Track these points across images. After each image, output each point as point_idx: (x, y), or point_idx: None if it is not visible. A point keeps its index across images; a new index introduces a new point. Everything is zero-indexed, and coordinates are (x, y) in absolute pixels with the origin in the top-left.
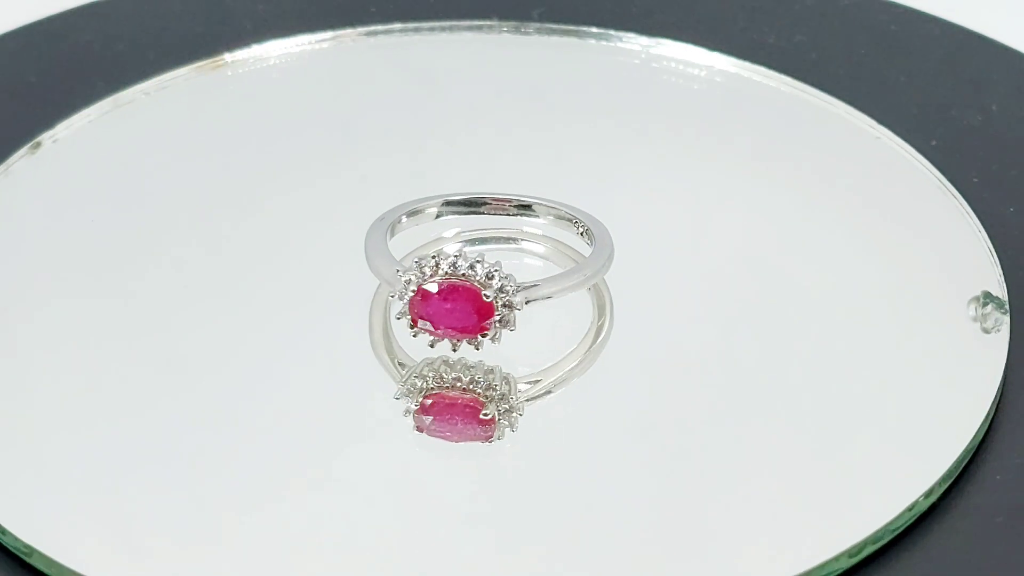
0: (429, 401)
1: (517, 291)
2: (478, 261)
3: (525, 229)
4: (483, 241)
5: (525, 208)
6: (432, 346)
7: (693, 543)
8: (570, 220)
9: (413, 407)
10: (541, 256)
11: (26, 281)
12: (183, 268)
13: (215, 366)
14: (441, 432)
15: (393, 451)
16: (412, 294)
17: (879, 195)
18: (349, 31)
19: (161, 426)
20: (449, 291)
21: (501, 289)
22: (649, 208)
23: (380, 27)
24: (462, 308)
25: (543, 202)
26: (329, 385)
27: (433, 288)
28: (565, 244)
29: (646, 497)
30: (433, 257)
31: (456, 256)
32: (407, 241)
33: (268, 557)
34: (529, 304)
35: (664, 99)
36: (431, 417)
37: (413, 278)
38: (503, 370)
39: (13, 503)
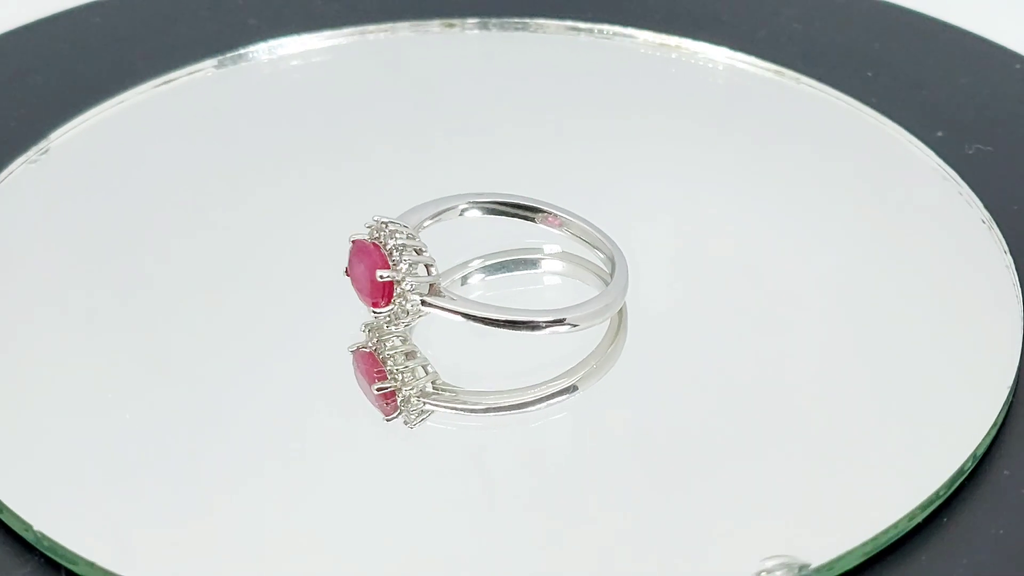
0: (361, 352)
1: (415, 290)
2: (411, 249)
3: (546, 249)
4: (504, 266)
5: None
6: None
7: (706, 546)
8: (591, 244)
9: (351, 350)
10: (560, 274)
11: (31, 278)
12: (186, 266)
13: (218, 360)
14: (359, 382)
15: (388, 448)
16: (352, 242)
17: (891, 194)
18: (350, 30)
19: (160, 418)
20: (364, 255)
21: (404, 277)
22: (656, 207)
23: (383, 25)
24: (363, 274)
25: (576, 219)
26: (327, 379)
27: (362, 244)
28: (588, 260)
29: (649, 500)
30: (387, 224)
31: (399, 230)
32: (438, 236)
33: (254, 549)
34: (429, 307)
35: (671, 96)
36: (354, 365)
37: (365, 230)
38: (429, 366)
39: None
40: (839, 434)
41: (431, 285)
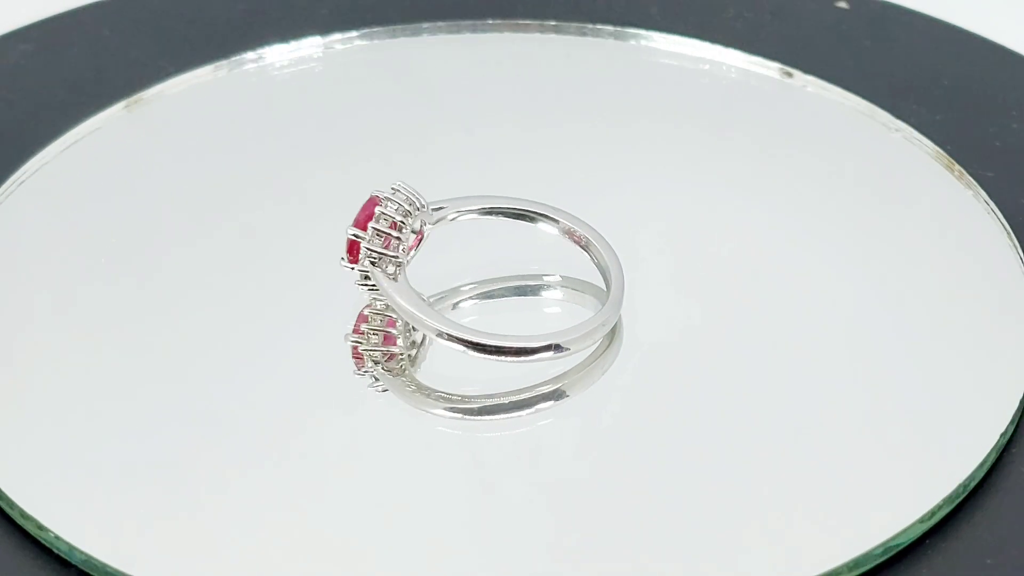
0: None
1: (371, 258)
2: (391, 220)
3: (545, 278)
4: (502, 292)
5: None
6: None
7: (707, 550)
8: (589, 252)
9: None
10: (559, 301)
11: (41, 278)
12: (190, 266)
13: (222, 359)
14: None
15: (386, 446)
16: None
17: (899, 194)
18: (352, 34)
19: (160, 417)
20: (362, 211)
21: (374, 237)
22: (659, 211)
23: (388, 27)
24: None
25: (579, 225)
26: (328, 379)
27: (370, 201)
28: (585, 282)
29: (656, 501)
30: (396, 191)
31: (398, 200)
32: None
33: (249, 546)
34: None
35: (675, 97)
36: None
37: (394, 192)
38: (400, 339)
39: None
40: (846, 436)
41: (397, 264)
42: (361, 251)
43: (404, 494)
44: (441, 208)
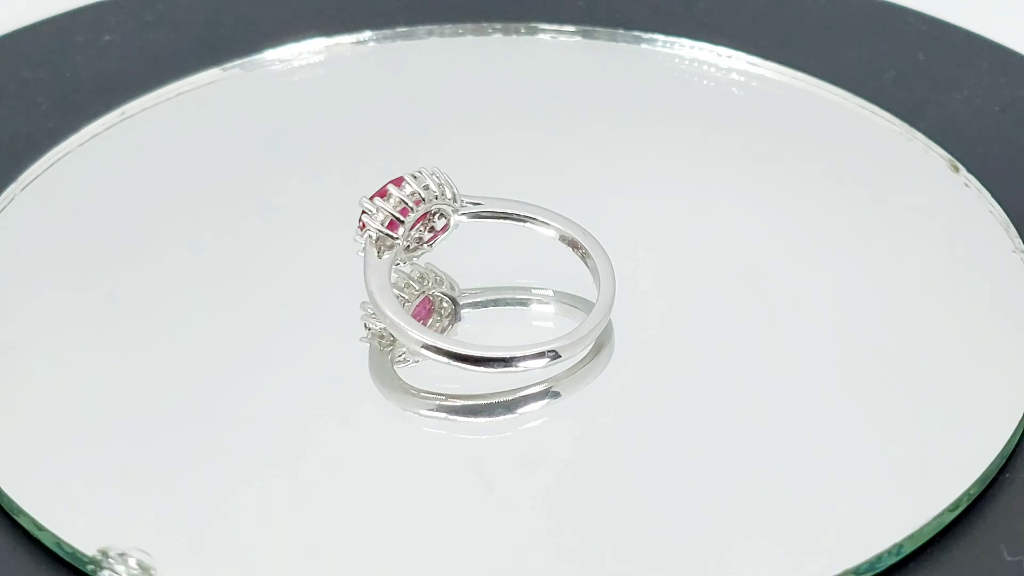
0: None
1: (369, 233)
2: (397, 200)
3: (535, 291)
4: (495, 303)
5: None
6: None
7: (706, 554)
8: (575, 246)
9: None
10: (550, 316)
11: (46, 279)
12: (194, 268)
13: (225, 361)
14: None
15: (379, 447)
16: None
17: (902, 197)
18: (354, 36)
19: (162, 419)
20: (386, 186)
21: (376, 214)
22: (663, 214)
23: (391, 30)
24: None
25: (578, 239)
26: (331, 380)
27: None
28: (575, 297)
29: (651, 503)
30: (418, 176)
31: (413, 184)
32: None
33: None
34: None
35: (678, 100)
36: None
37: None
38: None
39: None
40: (846, 439)
41: (391, 247)
42: (361, 221)
43: (399, 494)
44: (477, 204)
